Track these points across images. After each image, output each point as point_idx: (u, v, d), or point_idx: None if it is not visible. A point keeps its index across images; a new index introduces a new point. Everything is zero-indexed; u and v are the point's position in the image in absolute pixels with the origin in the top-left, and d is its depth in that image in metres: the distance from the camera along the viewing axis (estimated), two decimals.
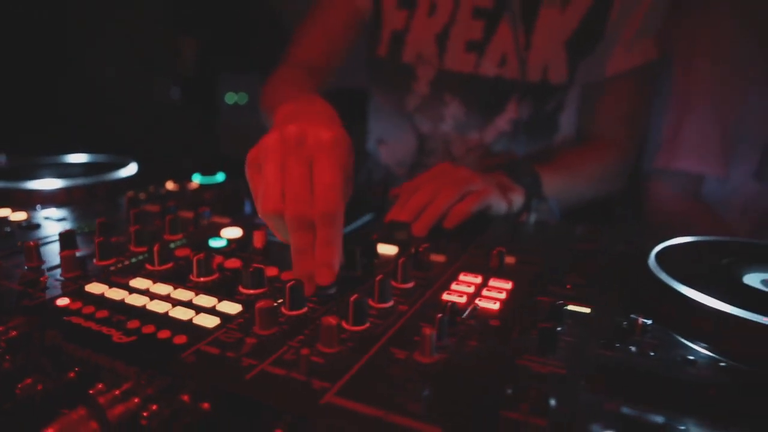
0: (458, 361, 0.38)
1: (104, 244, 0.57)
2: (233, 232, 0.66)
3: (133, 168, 0.93)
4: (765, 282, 0.49)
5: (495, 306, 0.47)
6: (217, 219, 0.73)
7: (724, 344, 0.41)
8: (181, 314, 0.45)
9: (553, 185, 0.86)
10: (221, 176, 0.98)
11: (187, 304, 0.47)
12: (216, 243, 0.63)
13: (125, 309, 0.46)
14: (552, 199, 0.82)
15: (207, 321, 0.44)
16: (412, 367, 0.37)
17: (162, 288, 0.50)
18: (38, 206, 0.78)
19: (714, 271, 0.51)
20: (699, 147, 1.01)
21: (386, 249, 0.61)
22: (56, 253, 0.58)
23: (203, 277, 0.52)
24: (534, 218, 0.76)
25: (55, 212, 0.76)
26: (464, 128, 1.05)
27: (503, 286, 0.51)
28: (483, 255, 0.59)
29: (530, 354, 0.39)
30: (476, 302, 0.48)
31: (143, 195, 0.85)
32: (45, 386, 0.41)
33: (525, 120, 1.02)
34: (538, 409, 0.32)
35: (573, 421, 0.32)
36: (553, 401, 0.33)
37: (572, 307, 0.47)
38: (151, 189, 0.89)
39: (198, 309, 0.46)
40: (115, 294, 0.48)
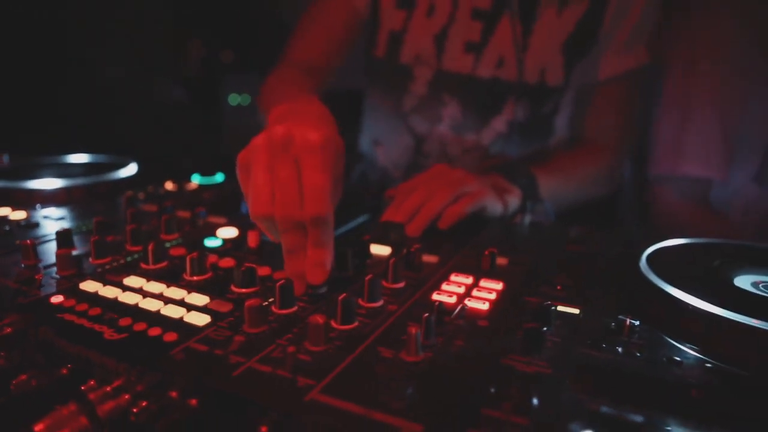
0: (444, 361, 0.38)
1: (100, 243, 0.57)
2: (229, 232, 0.66)
3: (133, 168, 0.94)
4: (755, 284, 0.49)
5: (484, 306, 0.47)
6: (214, 219, 0.73)
7: (712, 346, 0.41)
8: (173, 312, 0.45)
9: (548, 187, 0.86)
10: (220, 176, 0.98)
11: (179, 303, 0.47)
12: (211, 242, 0.63)
13: (118, 307, 0.47)
14: (547, 201, 0.82)
15: (198, 319, 0.44)
16: (398, 366, 0.38)
17: (155, 286, 0.50)
18: (38, 205, 0.79)
19: (705, 273, 0.51)
20: (700, 151, 1.01)
21: (379, 249, 0.62)
22: (53, 252, 0.59)
23: (196, 276, 0.52)
24: (528, 220, 0.76)
25: (55, 212, 0.77)
26: (461, 129, 1.05)
27: (494, 287, 0.51)
28: (475, 256, 0.59)
29: (516, 354, 0.39)
30: (465, 302, 0.48)
31: (142, 195, 0.86)
32: (39, 382, 0.42)
33: (521, 122, 1.02)
34: (520, 408, 0.33)
35: (555, 421, 0.32)
36: (536, 400, 0.34)
37: (561, 308, 0.47)
38: (150, 189, 0.89)
39: (189, 307, 0.46)
40: (109, 292, 0.49)
